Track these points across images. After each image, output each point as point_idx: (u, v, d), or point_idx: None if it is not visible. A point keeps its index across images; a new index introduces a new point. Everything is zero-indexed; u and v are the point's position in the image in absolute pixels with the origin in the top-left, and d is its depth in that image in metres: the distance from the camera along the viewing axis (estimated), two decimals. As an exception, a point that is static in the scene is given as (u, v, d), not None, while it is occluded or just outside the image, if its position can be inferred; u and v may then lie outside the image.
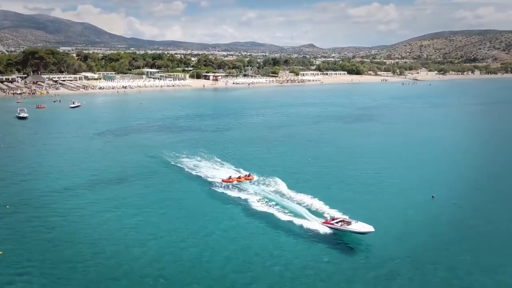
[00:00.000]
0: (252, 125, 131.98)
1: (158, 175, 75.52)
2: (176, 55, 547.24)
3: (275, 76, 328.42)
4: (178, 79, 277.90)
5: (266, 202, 60.33)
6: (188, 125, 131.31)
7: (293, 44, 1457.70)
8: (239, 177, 70.34)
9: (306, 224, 52.86)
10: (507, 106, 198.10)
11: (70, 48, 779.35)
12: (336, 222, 51.11)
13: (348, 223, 50.25)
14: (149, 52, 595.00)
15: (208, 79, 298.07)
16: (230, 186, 67.89)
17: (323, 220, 52.72)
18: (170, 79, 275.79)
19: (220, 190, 66.57)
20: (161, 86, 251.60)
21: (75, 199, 62.49)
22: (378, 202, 62.79)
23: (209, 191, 66.72)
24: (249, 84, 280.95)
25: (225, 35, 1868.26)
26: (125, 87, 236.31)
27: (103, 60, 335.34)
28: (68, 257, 45.46)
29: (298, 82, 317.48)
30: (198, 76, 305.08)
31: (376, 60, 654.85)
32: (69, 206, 59.67)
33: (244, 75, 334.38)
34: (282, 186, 67.22)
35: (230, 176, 70.11)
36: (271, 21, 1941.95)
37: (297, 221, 53.65)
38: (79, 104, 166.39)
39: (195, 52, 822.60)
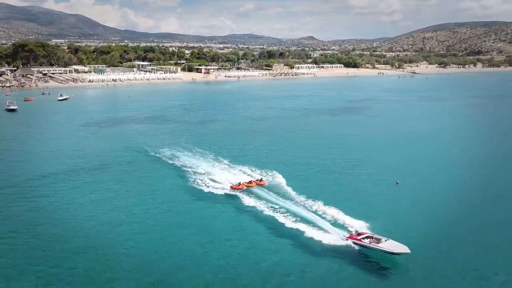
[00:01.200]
0: (236, 118, 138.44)
1: (135, 163, 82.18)
2: (171, 48, 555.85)
3: (268, 69, 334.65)
4: (170, 72, 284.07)
5: (272, 207, 59.24)
6: (173, 117, 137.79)
7: (292, 36, 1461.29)
8: (250, 182, 67.90)
9: (323, 237, 50.89)
10: (499, 100, 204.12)
11: (63, 40, 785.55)
12: (364, 238, 48.69)
13: (378, 240, 47.67)
14: (143, 44, 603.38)
15: (201, 72, 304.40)
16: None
17: (348, 235, 50.50)
18: (161, 72, 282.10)
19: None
20: (151, 79, 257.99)
21: (56, 183, 69.25)
22: (337, 184, 69.48)
23: (186, 186, 71.86)
24: (239, 78, 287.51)
25: (222, 27, 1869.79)
26: (115, 80, 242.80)
27: (94, 53, 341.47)
28: (44, 232, 52.20)
29: (292, 75, 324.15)
30: (190, 69, 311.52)
31: (376, 53, 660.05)
32: (51, 189, 66.46)
33: (237, 68, 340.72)
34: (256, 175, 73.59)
35: (240, 183, 66.94)
36: (269, 13, 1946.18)
37: (314, 232, 51.81)
38: (67, 97, 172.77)
39: (191, 45, 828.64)
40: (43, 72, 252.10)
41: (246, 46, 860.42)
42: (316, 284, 42.72)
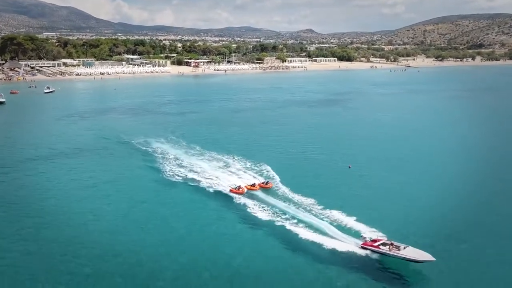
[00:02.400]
0: (215, 109, 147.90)
1: (109, 151, 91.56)
2: (165, 41, 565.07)
3: (259, 63, 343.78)
4: (159, 66, 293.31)
5: (275, 212, 58.27)
6: (154, 108, 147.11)
7: (291, 29, 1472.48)
8: (253, 185, 66.09)
9: (332, 243, 50.01)
10: (483, 93, 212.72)
11: (54, 33, 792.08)
12: (381, 245, 47.46)
13: (397, 248, 46.40)
14: (136, 37, 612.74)
15: (190, 65, 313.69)
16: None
17: (361, 242, 49.15)
18: (149, 65, 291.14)
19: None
20: (139, 73, 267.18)
21: (36, 167, 78.62)
22: (294, 166, 78.84)
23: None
24: (225, 71, 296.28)
25: (219, 19, 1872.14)
26: (103, 74, 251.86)
27: (84, 46, 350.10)
28: (21, 211, 61.65)
29: (282, 68, 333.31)
30: (180, 63, 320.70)
31: (374, 46, 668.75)
32: (30, 173, 75.72)
33: (228, 61, 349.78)
34: (228, 159, 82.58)
35: (240, 186, 65.61)
36: (268, 5, 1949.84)
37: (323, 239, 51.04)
38: (53, 90, 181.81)
39: (186, 38, 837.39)
40: (31, 65, 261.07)
41: (242, 39, 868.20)
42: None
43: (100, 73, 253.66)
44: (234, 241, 51.38)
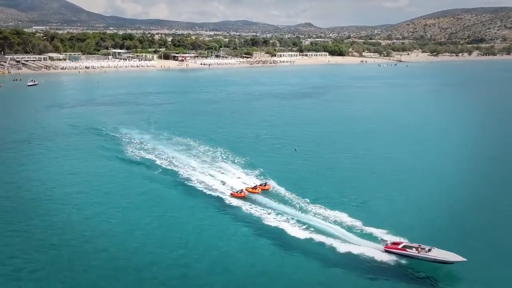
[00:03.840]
0: (190, 101, 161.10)
1: (82, 136, 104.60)
2: (157, 35, 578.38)
3: (247, 57, 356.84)
4: (145, 60, 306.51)
5: (279, 215, 58.39)
6: (132, 100, 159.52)
7: (289, 23, 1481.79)
8: (255, 187, 66.23)
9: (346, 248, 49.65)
10: (461, 87, 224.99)
11: (44, 27, 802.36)
12: (408, 248, 47.31)
13: (425, 250, 46.42)
14: (129, 31, 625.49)
15: (177, 59, 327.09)
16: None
17: (383, 245, 48.77)
18: (136, 60, 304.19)
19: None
20: (125, 67, 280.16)
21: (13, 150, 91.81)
22: (258, 154, 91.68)
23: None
24: (209, 65, 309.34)
25: (215, 13, 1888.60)
26: (88, 68, 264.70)
27: (71, 41, 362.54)
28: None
29: (270, 63, 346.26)
30: (167, 57, 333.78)
31: (372, 40, 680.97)
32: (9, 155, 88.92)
33: (216, 56, 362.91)
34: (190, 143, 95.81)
35: (242, 190, 65.28)
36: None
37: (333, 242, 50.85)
38: (36, 83, 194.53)
39: (180, 32, 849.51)
40: (17, 59, 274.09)
41: (238, 34, 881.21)
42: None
43: (85, 67, 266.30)
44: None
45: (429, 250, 45.95)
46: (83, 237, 52.82)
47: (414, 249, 46.57)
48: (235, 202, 62.04)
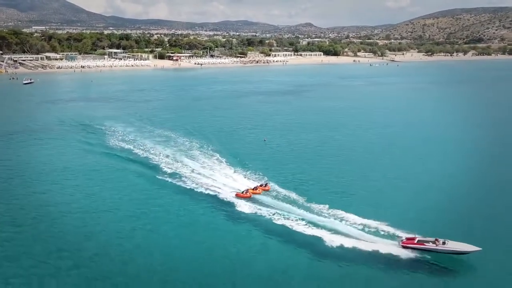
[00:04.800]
0: (176, 98, 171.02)
1: (67, 128, 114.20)
2: (156, 35, 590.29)
3: (242, 57, 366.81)
4: (141, 60, 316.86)
5: (282, 215, 58.81)
6: (122, 97, 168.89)
7: (289, 23, 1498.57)
8: (255, 188, 66.97)
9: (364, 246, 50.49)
10: (444, 86, 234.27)
11: (44, 27, 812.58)
12: (425, 242, 49.30)
13: (442, 242, 48.48)
14: (129, 32, 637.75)
15: (172, 59, 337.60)
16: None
17: (400, 241, 50.41)
18: (131, 59, 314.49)
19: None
20: (120, 66, 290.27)
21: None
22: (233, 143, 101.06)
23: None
24: (201, 65, 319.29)
25: (215, 13, 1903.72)
26: (83, 67, 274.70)
27: (69, 41, 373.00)
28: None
29: (263, 63, 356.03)
30: (162, 57, 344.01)
31: (369, 40, 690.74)
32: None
33: (211, 55, 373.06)
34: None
35: (248, 190, 65.96)
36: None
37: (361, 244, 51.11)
38: (32, 81, 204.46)
39: (179, 32, 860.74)
40: (14, 58, 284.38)
41: (238, 33, 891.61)
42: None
43: (81, 66, 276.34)
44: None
45: (443, 242, 48.22)
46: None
47: (430, 242, 48.72)
48: (241, 202, 62.31)
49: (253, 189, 66.17)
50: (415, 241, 49.09)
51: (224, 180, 72.31)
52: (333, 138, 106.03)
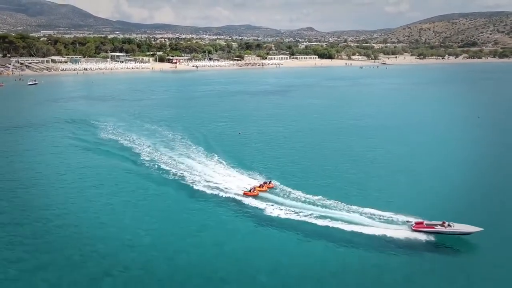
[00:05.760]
0: (169, 97, 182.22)
1: (62, 122, 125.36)
2: (161, 39, 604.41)
3: (239, 60, 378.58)
4: (141, 62, 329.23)
5: (293, 211, 59.43)
6: (118, 96, 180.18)
7: (291, 27, 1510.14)
8: (261, 186, 67.24)
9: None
10: (420, 86, 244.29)
11: (52, 31, 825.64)
12: (434, 225, 52.72)
13: (449, 225, 52.29)
14: (134, 36, 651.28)
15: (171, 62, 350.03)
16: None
17: (410, 226, 53.76)
18: (132, 62, 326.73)
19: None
20: (121, 68, 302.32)
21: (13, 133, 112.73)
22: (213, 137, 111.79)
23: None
24: (197, 67, 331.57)
25: (219, 17, 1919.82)
26: (86, 69, 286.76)
27: (73, 44, 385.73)
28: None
29: (258, 65, 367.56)
30: (162, 60, 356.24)
31: (365, 44, 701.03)
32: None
33: (209, 59, 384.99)
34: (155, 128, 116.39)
35: (255, 188, 66.25)
36: (268, 3, 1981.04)
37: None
38: (36, 82, 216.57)
39: (183, 36, 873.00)
40: (21, 61, 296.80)
41: (240, 38, 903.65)
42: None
43: (84, 68, 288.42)
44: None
45: (449, 225, 52.22)
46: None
47: (438, 225, 52.46)
48: (250, 201, 62.88)
49: (259, 187, 66.50)
50: (424, 225, 52.78)
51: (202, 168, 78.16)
52: (305, 129, 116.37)
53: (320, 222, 55.17)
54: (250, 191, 65.17)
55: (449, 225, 52.14)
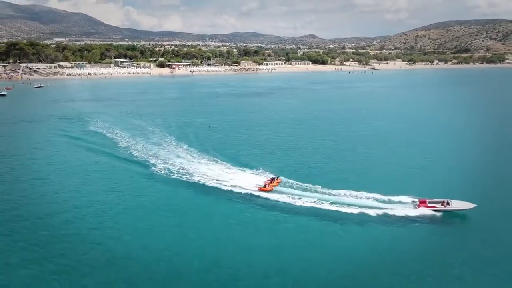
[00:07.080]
0: (162, 98, 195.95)
1: (59, 119, 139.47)
2: (168, 46, 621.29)
3: (235, 65, 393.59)
4: (142, 68, 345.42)
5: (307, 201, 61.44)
6: (117, 98, 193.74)
7: (294, 34, 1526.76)
8: (272, 181, 67.72)
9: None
10: (396, 88, 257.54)
11: (64, 39, 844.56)
12: (435, 203, 58.06)
13: (448, 203, 57.70)
14: (143, 43, 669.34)
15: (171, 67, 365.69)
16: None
17: (415, 204, 58.65)
18: (134, 67, 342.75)
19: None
20: (123, 73, 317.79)
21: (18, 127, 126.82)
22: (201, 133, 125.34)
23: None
24: (192, 72, 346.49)
25: (225, 25, 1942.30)
26: (90, 74, 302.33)
27: (80, 51, 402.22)
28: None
29: (252, 70, 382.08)
30: (162, 65, 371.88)
31: (361, 51, 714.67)
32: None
33: (208, 64, 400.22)
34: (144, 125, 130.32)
35: (267, 184, 66.45)
36: (273, 11, 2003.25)
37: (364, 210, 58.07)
38: (42, 85, 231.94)
39: (190, 43, 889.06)
40: (29, 67, 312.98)
41: (244, 44, 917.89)
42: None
43: (88, 73, 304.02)
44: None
45: (448, 203, 57.73)
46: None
47: (440, 204, 57.85)
48: (267, 196, 63.46)
49: (270, 182, 67.01)
50: (427, 203, 57.94)
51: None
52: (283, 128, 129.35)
53: (334, 208, 58.38)
54: (264, 186, 65.77)
55: (448, 203, 57.56)
